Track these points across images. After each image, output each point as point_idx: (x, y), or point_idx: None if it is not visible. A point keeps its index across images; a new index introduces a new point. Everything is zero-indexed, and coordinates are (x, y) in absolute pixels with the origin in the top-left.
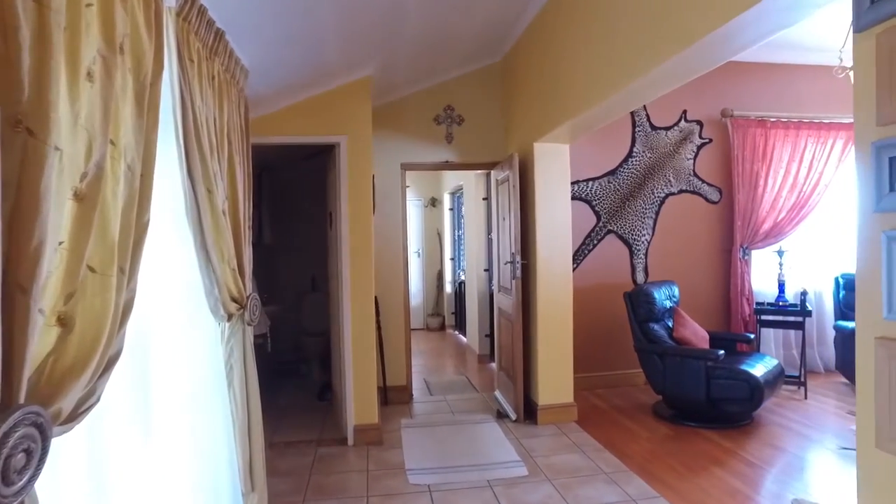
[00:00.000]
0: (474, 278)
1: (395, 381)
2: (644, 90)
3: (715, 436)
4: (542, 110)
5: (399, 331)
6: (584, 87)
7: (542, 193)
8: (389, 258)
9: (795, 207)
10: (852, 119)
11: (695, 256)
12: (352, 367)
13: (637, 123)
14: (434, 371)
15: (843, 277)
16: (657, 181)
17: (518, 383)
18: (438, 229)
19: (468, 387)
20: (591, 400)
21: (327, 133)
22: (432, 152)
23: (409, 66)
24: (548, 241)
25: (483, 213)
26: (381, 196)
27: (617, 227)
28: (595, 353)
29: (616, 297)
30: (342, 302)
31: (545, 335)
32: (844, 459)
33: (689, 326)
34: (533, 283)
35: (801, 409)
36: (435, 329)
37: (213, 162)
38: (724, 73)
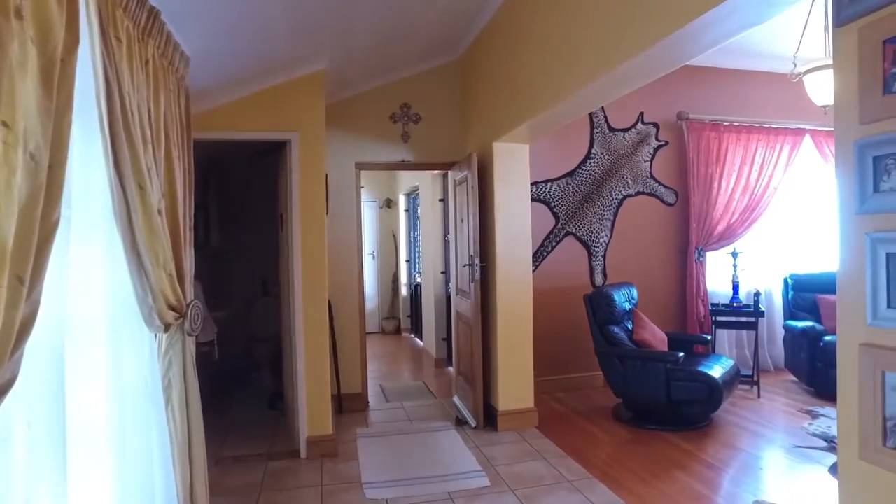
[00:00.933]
0: (431, 281)
1: (349, 389)
2: (607, 89)
3: (675, 438)
4: (501, 109)
5: (354, 336)
6: (545, 86)
7: (501, 194)
8: (344, 261)
9: (747, 210)
10: (800, 125)
11: (652, 258)
12: (304, 375)
13: (595, 125)
14: (390, 376)
15: (791, 278)
16: (615, 183)
17: (477, 389)
18: (394, 231)
19: (426, 392)
20: (551, 404)
21: (278, 129)
22: (388, 151)
23: (365, 60)
24: (508, 243)
25: (440, 214)
26: (335, 196)
27: (576, 229)
28: (553, 356)
29: (575, 299)
30: (294, 306)
31: (505, 339)
32: (800, 458)
33: (648, 328)
34: (492, 285)
35: (755, 409)
36: (390, 333)
37: (147, 156)
38: (680, 76)
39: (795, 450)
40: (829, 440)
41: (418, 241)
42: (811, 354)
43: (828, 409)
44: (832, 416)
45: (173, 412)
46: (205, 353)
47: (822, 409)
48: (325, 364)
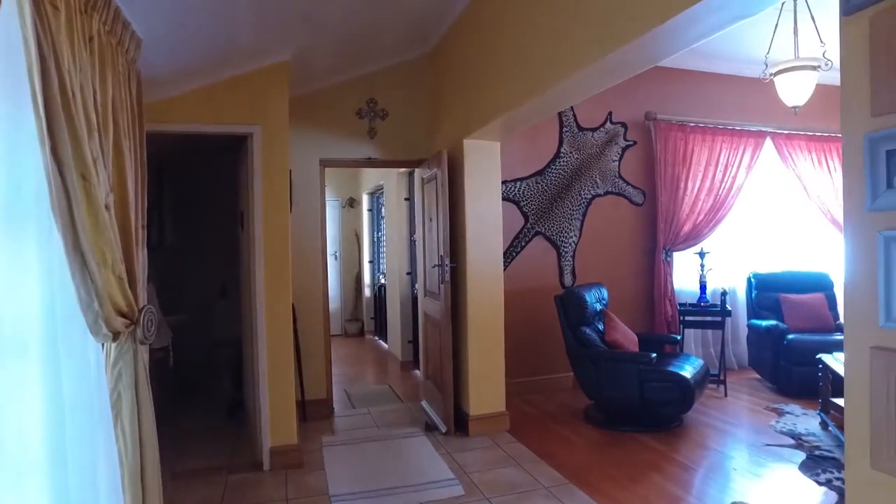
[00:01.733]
0: (396, 282)
1: (314, 394)
2: (584, 85)
3: (648, 439)
4: (472, 105)
5: (318, 339)
6: (518, 82)
7: (472, 193)
8: (307, 261)
9: (712, 210)
10: (761, 128)
11: (620, 258)
12: (267, 381)
13: (564, 124)
14: (355, 381)
15: (755, 277)
16: (584, 182)
17: (447, 393)
18: (357, 231)
19: (392, 397)
20: (522, 407)
21: (239, 122)
22: (354, 148)
23: (331, 52)
24: (478, 243)
25: (405, 214)
26: (299, 194)
27: (545, 229)
28: (523, 358)
29: (544, 299)
30: (255, 309)
31: (476, 341)
32: (771, 457)
33: (619, 329)
34: (463, 286)
35: (723, 408)
36: (354, 335)
37: (92, 143)
38: (648, 76)
39: (766, 448)
40: (796, 437)
41: (382, 241)
42: (775, 353)
43: (792, 406)
44: (797, 413)
45: (123, 430)
46: (159, 359)
47: (787, 406)
48: (289, 369)
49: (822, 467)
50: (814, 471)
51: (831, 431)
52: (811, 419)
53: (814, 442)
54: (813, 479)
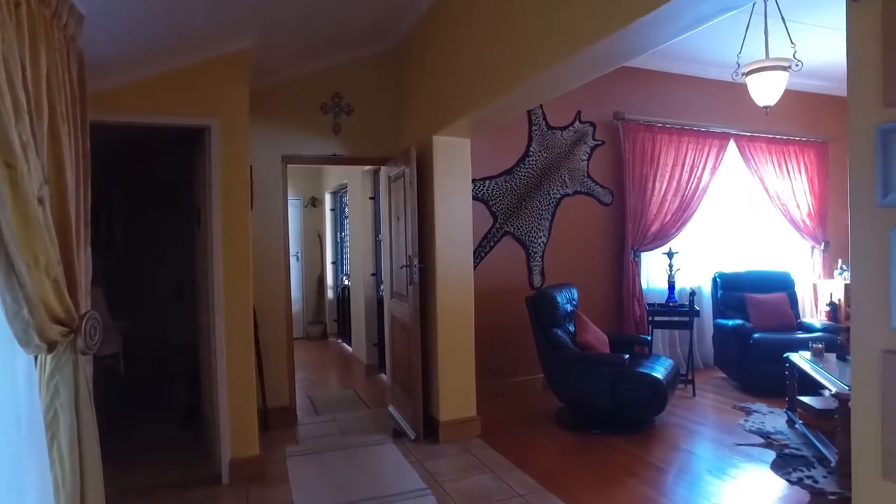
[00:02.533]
0: (360, 283)
1: (276, 402)
2: (553, 82)
3: (622, 442)
4: (442, 101)
5: (280, 343)
6: (490, 77)
7: (441, 191)
8: (268, 262)
9: (679, 210)
10: (725, 129)
11: (589, 259)
12: (226, 388)
13: (533, 122)
14: (319, 386)
15: (720, 277)
16: (553, 182)
17: (416, 398)
18: (319, 231)
19: (358, 402)
20: (492, 411)
21: (195, 114)
22: (318, 144)
23: (293, 42)
24: (448, 243)
25: (370, 213)
26: (260, 192)
27: (514, 229)
28: (491, 360)
29: (513, 300)
30: (213, 311)
31: (446, 345)
32: (743, 457)
33: (590, 331)
34: (432, 288)
35: (692, 408)
36: (316, 338)
37: (21, 126)
38: (616, 76)
39: (737, 448)
40: (764, 436)
41: (345, 241)
42: (741, 352)
43: (758, 404)
44: (764, 412)
45: (60, 453)
46: (108, 367)
47: (754, 404)
48: (250, 375)
49: (792, 466)
50: (785, 470)
51: (798, 429)
52: (778, 417)
53: (782, 440)
54: (785, 478)
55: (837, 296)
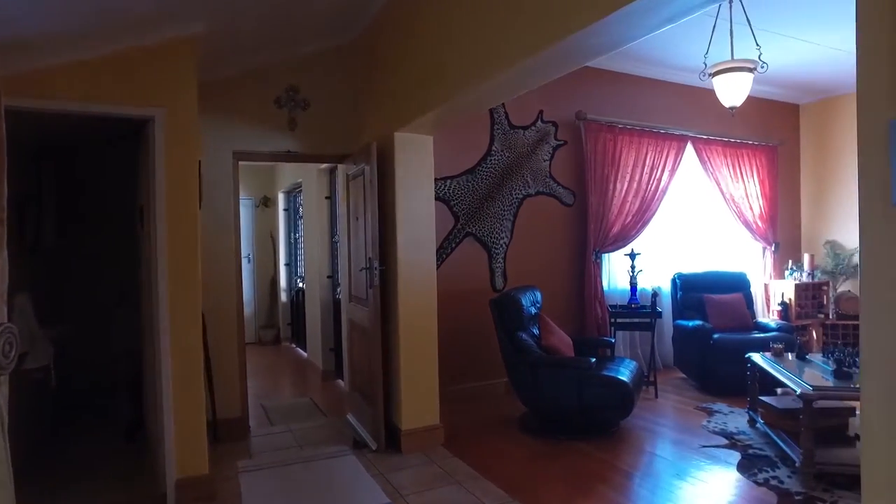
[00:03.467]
0: (316, 286)
1: (227, 412)
2: (518, 80)
3: (588, 447)
4: (404, 96)
5: (231, 350)
6: (454, 72)
7: (403, 189)
8: (218, 264)
9: (640, 211)
10: (683, 132)
11: (551, 260)
12: (171, 399)
13: (496, 121)
14: (272, 393)
15: (679, 278)
16: (515, 182)
17: (377, 406)
18: (272, 232)
19: (314, 411)
20: (454, 417)
21: (137, 103)
22: (272, 140)
23: (247, 30)
24: (410, 244)
25: (326, 213)
26: (210, 190)
27: (476, 230)
28: (453, 365)
29: (475, 303)
30: (158, 317)
31: (408, 350)
32: (709, 459)
33: (555, 334)
34: (393, 291)
35: (656, 409)
36: (269, 343)
37: None
38: (578, 76)
39: (703, 450)
40: (728, 436)
41: (300, 242)
42: (701, 352)
43: (719, 404)
44: (725, 412)
45: None
46: (38, 380)
47: (715, 405)
48: (198, 385)
49: (757, 467)
50: (751, 471)
51: (760, 428)
52: (739, 417)
53: (746, 441)
54: (751, 479)
55: (788, 295)
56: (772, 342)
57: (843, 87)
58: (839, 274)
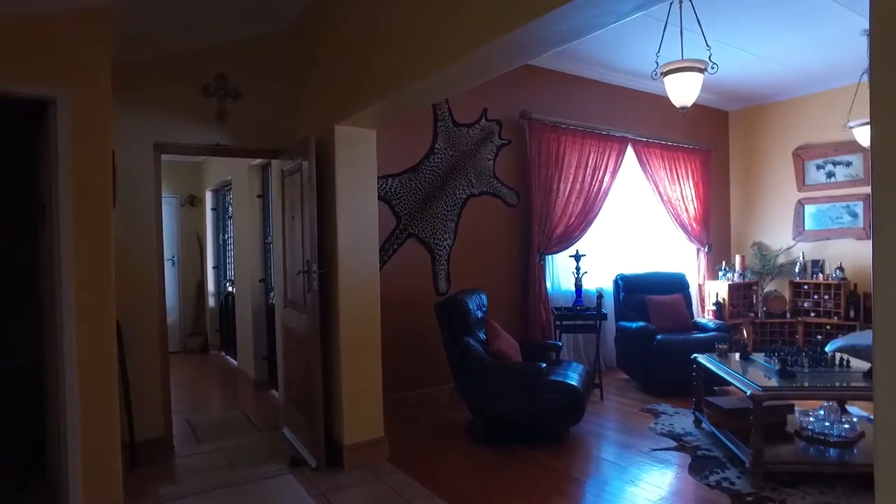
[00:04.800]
0: (247, 290)
1: (148, 432)
2: (466, 72)
3: (540, 456)
4: (346, 87)
5: (153, 362)
6: (400, 62)
7: (345, 187)
8: (137, 268)
9: (583, 212)
10: (624, 134)
11: (495, 262)
12: (79, 420)
13: (439, 118)
14: (200, 407)
15: (621, 279)
16: (459, 181)
17: (317, 420)
18: (198, 233)
19: (247, 425)
20: (398, 428)
21: (33, 81)
22: (199, 132)
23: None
24: (352, 245)
25: (258, 213)
26: (127, 185)
27: (418, 231)
28: (395, 372)
29: (417, 307)
30: (62, 327)
31: (350, 359)
32: (661, 463)
33: (503, 338)
34: (333, 296)
35: (602, 413)
36: (195, 351)
37: None
38: (522, 75)
39: (654, 454)
40: (676, 438)
41: (229, 244)
42: (645, 353)
43: (664, 405)
44: (670, 413)
45: None
46: None
47: (659, 406)
48: (112, 404)
49: (708, 468)
50: (702, 473)
51: (705, 429)
52: (684, 417)
53: (693, 442)
54: (703, 482)
55: (722, 295)
56: (717, 343)
57: (769, 96)
58: (766, 274)
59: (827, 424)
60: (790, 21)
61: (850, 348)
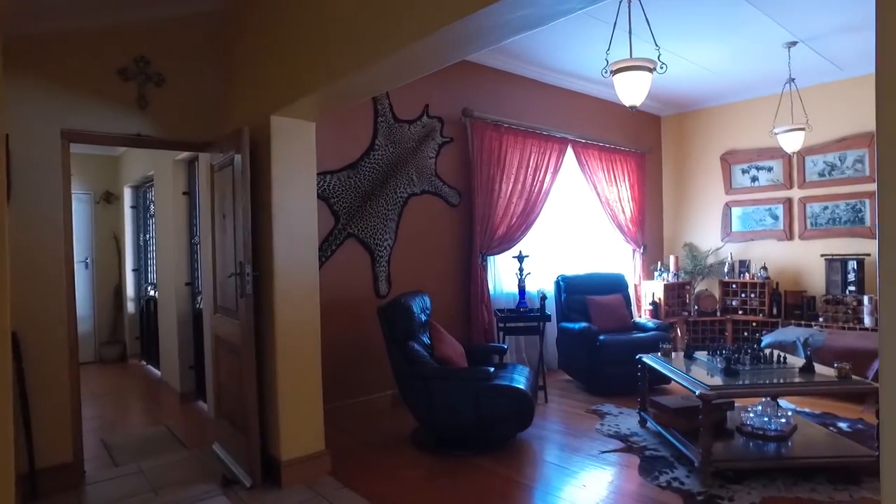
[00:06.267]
0: (171, 294)
1: (53, 457)
2: (410, 63)
3: (488, 462)
4: (284, 74)
5: (59, 378)
6: (341, 50)
7: (281, 182)
8: (39, 272)
9: (524, 213)
10: (564, 135)
11: (436, 263)
12: None
13: (380, 112)
14: (117, 425)
15: (563, 280)
16: (400, 179)
17: (251, 435)
18: (116, 233)
19: (172, 442)
20: (339, 439)
21: None
22: (116, 120)
23: None
24: (289, 246)
25: (184, 211)
26: (27, 176)
27: (358, 230)
28: (335, 380)
29: (357, 310)
30: None
31: (288, 368)
32: (610, 464)
33: (448, 342)
34: (269, 300)
35: (548, 415)
36: (113, 361)
37: None
38: (465, 72)
39: (603, 456)
40: (623, 439)
41: (151, 245)
42: (589, 354)
43: (608, 406)
44: (615, 413)
45: None
46: None
47: (603, 406)
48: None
49: (657, 469)
50: (652, 474)
51: (651, 428)
52: (629, 417)
53: (640, 442)
54: (654, 483)
55: (658, 295)
56: (660, 343)
57: (699, 102)
58: (697, 274)
59: (765, 419)
60: (721, 30)
61: (778, 344)
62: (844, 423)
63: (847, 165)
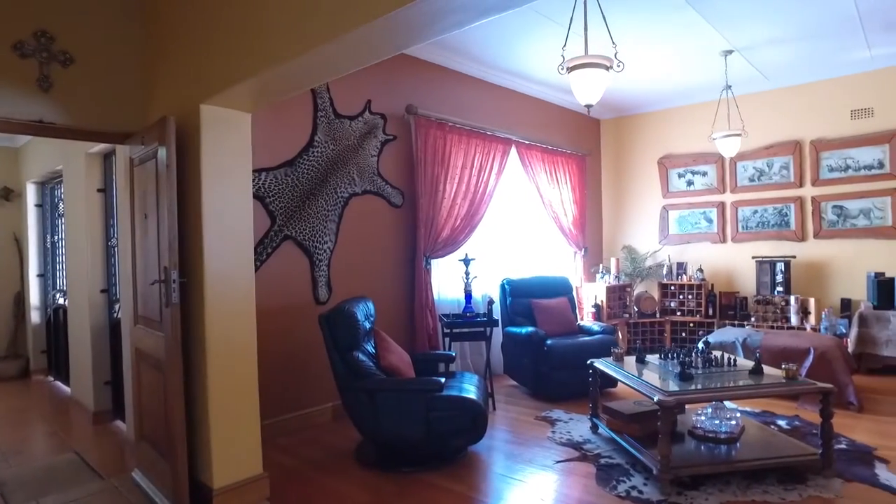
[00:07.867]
0: (84, 303)
1: None
2: (355, 50)
3: (439, 479)
4: (215, 58)
5: None
6: (281, 31)
7: (212, 179)
8: None
9: (468, 215)
10: (508, 135)
11: (379, 267)
12: None
13: (320, 107)
14: (13, 454)
15: (508, 284)
16: (340, 178)
17: (178, 461)
18: (16, 234)
19: (83, 471)
20: (278, 459)
21: None
22: (11, 103)
23: None
24: (221, 249)
25: (99, 210)
26: None
27: (296, 232)
28: (271, 394)
29: (294, 318)
30: None
31: (220, 383)
32: (567, 474)
33: (394, 351)
34: (198, 309)
35: (497, 424)
36: (13, 377)
37: None
38: (409, 68)
39: (558, 467)
40: (576, 447)
41: (60, 247)
42: (536, 359)
43: (557, 412)
44: (565, 419)
45: None
46: None
47: (553, 412)
48: None
49: (614, 478)
50: (609, 483)
51: (603, 434)
52: (580, 423)
53: (594, 449)
54: (613, 493)
55: (601, 297)
56: (611, 347)
57: (637, 106)
58: (636, 276)
59: (716, 422)
60: (661, 36)
61: (720, 345)
62: (783, 421)
63: (774, 171)
